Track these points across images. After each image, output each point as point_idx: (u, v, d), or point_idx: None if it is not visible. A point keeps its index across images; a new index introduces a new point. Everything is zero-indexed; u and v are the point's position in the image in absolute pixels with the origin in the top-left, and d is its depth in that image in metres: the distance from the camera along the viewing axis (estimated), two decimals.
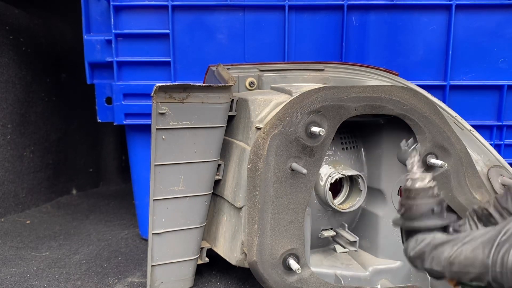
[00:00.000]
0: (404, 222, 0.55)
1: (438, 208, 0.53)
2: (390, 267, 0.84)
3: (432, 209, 0.53)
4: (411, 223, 0.54)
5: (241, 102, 0.80)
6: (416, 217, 0.53)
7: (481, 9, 0.99)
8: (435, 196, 0.54)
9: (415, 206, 0.53)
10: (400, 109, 0.76)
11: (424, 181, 0.53)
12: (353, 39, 1.01)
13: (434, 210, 0.53)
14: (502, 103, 1.02)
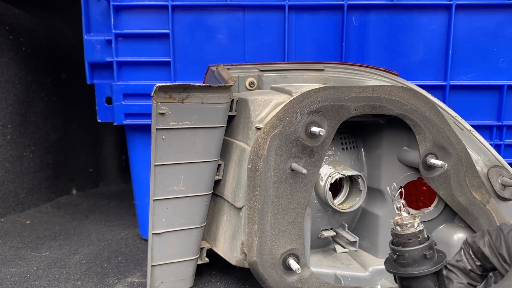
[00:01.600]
0: (399, 269, 0.55)
1: (430, 253, 0.54)
2: None
3: (424, 255, 0.54)
4: (405, 270, 0.55)
5: (241, 102, 0.80)
6: (410, 263, 0.54)
7: (481, 9, 0.99)
8: (425, 240, 0.55)
9: (408, 253, 0.54)
10: (400, 109, 0.76)
11: (414, 225, 0.54)
12: (353, 39, 1.01)
13: (427, 255, 0.54)
14: (502, 103, 1.02)
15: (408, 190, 0.89)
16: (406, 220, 0.55)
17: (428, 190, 0.87)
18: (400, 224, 0.55)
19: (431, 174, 0.79)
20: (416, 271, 0.54)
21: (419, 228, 0.55)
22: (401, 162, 0.83)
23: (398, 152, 0.83)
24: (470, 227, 0.81)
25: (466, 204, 0.80)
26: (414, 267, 0.54)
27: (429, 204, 0.86)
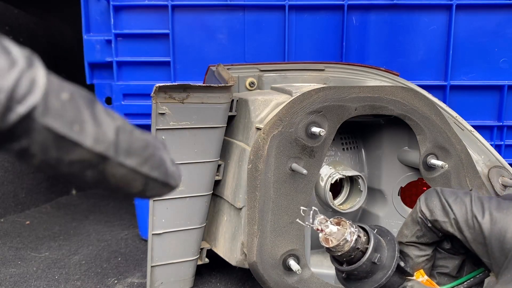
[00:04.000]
0: (356, 285, 0.48)
1: (379, 257, 0.46)
2: None
3: (373, 262, 0.46)
4: (362, 285, 0.47)
5: (241, 102, 0.80)
6: (363, 276, 0.47)
7: (482, 9, 0.99)
8: (367, 243, 0.46)
9: (356, 269, 0.46)
10: (401, 109, 0.76)
11: (347, 239, 0.45)
12: (353, 39, 1.01)
13: (376, 261, 0.46)
14: (502, 103, 1.02)
15: (408, 191, 0.89)
16: (337, 239, 0.45)
17: None
18: (332, 247, 0.45)
19: (432, 174, 0.79)
20: (375, 284, 0.46)
21: (354, 236, 0.45)
22: (401, 163, 0.83)
23: (398, 152, 0.83)
24: None
25: None
26: (371, 280, 0.46)
27: None
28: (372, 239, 0.46)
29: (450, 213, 0.45)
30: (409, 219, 0.49)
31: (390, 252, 0.47)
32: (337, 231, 0.45)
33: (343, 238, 0.45)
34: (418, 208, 0.48)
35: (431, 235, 0.48)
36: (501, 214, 0.42)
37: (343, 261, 0.47)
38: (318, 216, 0.46)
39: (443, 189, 0.47)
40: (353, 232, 0.45)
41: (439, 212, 0.46)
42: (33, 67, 0.22)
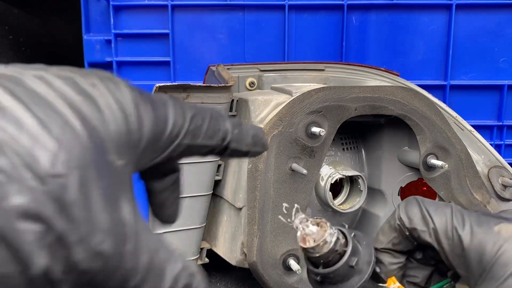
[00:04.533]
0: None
1: (356, 260, 0.44)
2: None
3: (351, 266, 0.44)
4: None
5: (241, 102, 0.80)
6: (339, 280, 0.45)
7: (482, 8, 0.99)
8: (345, 245, 0.44)
9: (333, 273, 0.44)
10: (401, 109, 0.76)
11: (327, 240, 0.42)
12: (353, 39, 1.01)
13: (354, 265, 0.44)
14: (502, 103, 1.02)
15: (408, 191, 0.89)
16: (316, 239, 0.43)
17: (429, 191, 0.87)
18: (310, 248, 0.43)
19: (432, 174, 0.79)
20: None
21: (334, 238, 0.43)
22: (401, 163, 0.83)
23: (398, 152, 0.83)
24: None
25: (467, 205, 0.80)
26: (346, 282, 0.44)
27: None
28: (350, 242, 0.44)
29: (429, 223, 0.44)
30: (387, 225, 0.49)
31: (367, 257, 0.45)
32: (316, 231, 0.43)
33: (322, 239, 0.42)
34: (397, 215, 0.47)
35: (406, 244, 0.47)
36: (481, 228, 0.42)
37: (320, 263, 0.44)
38: (299, 214, 0.44)
39: (424, 199, 0.47)
40: (332, 233, 0.43)
41: (418, 221, 0.45)
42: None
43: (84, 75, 0.26)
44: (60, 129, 0.22)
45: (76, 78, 0.26)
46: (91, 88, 0.25)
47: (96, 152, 0.23)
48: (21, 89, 0.23)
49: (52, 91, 0.24)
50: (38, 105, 0.22)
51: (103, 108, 0.25)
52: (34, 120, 0.21)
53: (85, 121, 0.23)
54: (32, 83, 0.23)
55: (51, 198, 0.20)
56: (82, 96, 0.24)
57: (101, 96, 0.26)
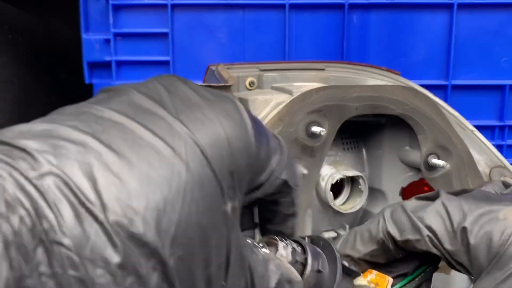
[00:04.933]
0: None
1: (319, 263, 0.41)
2: None
3: (318, 270, 0.41)
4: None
5: (241, 102, 0.79)
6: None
7: (483, 8, 0.99)
8: (303, 254, 0.41)
9: (304, 284, 0.40)
10: (402, 109, 0.75)
11: (282, 254, 0.39)
12: (354, 38, 1.01)
13: (320, 268, 0.41)
14: (504, 103, 1.02)
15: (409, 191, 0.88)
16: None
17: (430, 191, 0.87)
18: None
19: (433, 174, 0.78)
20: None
21: (289, 250, 0.39)
22: (402, 162, 0.82)
23: (399, 152, 0.82)
24: None
25: None
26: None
27: None
28: (307, 247, 0.41)
29: (423, 230, 0.42)
30: (367, 235, 0.46)
31: (329, 255, 0.42)
32: (269, 252, 0.38)
33: (278, 254, 0.39)
34: (381, 228, 0.44)
35: (387, 256, 0.45)
36: (485, 216, 0.39)
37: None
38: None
39: (407, 203, 0.45)
40: (285, 245, 0.40)
41: (410, 231, 0.42)
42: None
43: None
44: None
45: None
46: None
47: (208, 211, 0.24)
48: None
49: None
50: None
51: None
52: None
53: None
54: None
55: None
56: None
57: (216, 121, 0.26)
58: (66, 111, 0.26)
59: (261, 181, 0.30)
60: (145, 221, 0.21)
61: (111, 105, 0.25)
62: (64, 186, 0.20)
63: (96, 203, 0.20)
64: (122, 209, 0.20)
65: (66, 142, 0.21)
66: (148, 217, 0.21)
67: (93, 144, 0.21)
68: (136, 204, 0.21)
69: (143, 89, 0.26)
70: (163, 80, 0.27)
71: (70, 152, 0.21)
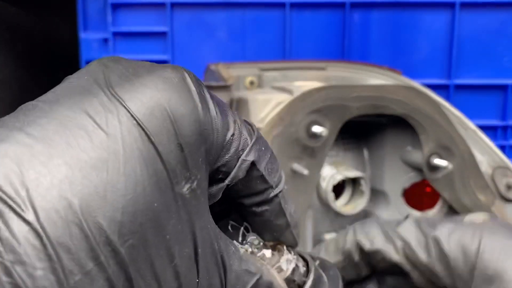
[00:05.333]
0: None
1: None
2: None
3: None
4: None
5: (241, 101, 0.79)
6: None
7: (486, 7, 0.98)
8: (304, 277, 0.37)
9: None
10: (403, 108, 0.75)
11: (283, 268, 0.36)
12: (355, 37, 1.00)
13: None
14: (507, 103, 1.01)
15: (412, 192, 0.88)
16: (270, 265, 0.36)
17: (432, 192, 0.86)
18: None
19: (435, 175, 0.77)
20: None
21: (291, 265, 0.36)
22: (404, 163, 0.82)
23: (401, 152, 0.82)
24: None
25: (471, 206, 0.78)
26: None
27: (433, 206, 0.84)
28: (312, 271, 0.37)
29: (396, 240, 0.41)
30: (333, 244, 0.45)
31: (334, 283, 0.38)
32: (271, 256, 0.36)
33: (277, 265, 0.35)
34: (349, 238, 0.44)
35: (350, 272, 0.44)
36: (453, 223, 0.39)
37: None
38: (249, 235, 0.36)
39: (380, 220, 0.45)
40: (290, 260, 0.36)
41: (382, 241, 0.42)
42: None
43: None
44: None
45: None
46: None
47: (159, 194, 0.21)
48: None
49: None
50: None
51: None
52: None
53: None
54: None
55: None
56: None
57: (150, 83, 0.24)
58: (17, 109, 0.24)
59: (225, 162, 0.26)
60: (83, 211, 0.19)
61: (46, 95, 0.24)
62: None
63: (23, 200, 0.18)
64: (54, 201, 0.18)
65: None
66: (85, 206, 0.19)
67: (20, 137, 0.20)
68: (70, 194, 0.19)
69: (82, 70, 0.25)
70: (105, 58, 0.25)
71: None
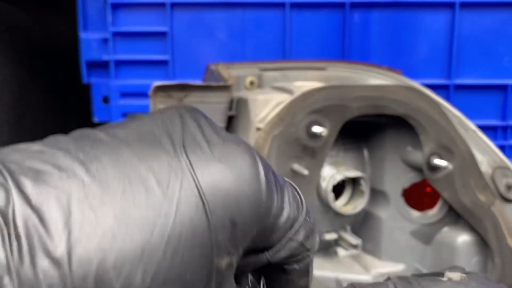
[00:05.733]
0: None
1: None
2: (393, 270, 0.83)
3: None
4: None
5: (241, 101, 0.79)
6: None
7: (485, 7, 0.99)
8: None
9: None
10: (404, 109, 0.75)
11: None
12: (355, 37, 1.00)
13: None
14: (506, 103, 1.01)
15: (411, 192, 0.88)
16: None
17: (432, 192, 0.86)
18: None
19: (435, 175, 0.78)
20: None
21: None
22: (404, 163, 0.82)
23: (401, 152, 0.82)
24: (474, 229, 0.80)
25: (471, 206, 0.78)
26: None
27: (433, 206, 0.84)
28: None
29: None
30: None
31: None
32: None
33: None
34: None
35: None
36: (432, 281, 0.38)
37: None
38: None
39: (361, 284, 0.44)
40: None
41: None
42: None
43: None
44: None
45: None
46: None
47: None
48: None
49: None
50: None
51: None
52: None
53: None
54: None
55: None
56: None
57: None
58: (75, 132, 0.24)
59: (273, 242, 0.25)
60: (116, 268, 0.18)
61: (115, 129, 0.22)
62: (33, 218, 0.18)
63: (61, 242, 0.18)
64: (91, 251, 0.18)
65: (52, 167, 0.19)
66: (119, 264, 0.18)
67: (79, 172, 0.19)
68: (108, 246, 0.18)
69: (158, 115, 0.23)
70: (183, 109, 0.24)
71: (52, 179, 0.19)
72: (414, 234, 0.83)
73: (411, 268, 0.83)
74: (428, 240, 0.83)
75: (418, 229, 0.83)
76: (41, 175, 0.19)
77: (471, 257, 0.80)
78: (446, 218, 0.83)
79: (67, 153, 0.20)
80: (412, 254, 0.83)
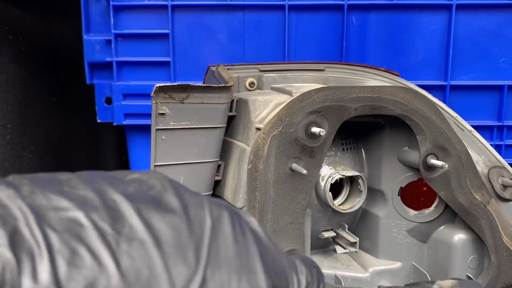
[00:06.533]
0: None
1: None
2: (391, 268, 0.84)
3: None
4: None
5: (241, 102, 0.80)
6: None
7: (482, 9, 0.99)
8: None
9: None
10: (401, 109, 0.76)
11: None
12: (353, 39, 1.01)
13: None
14: (502, 104, 1.02)
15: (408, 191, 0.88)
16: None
17: (429, 191, 0.87)
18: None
19: (432, 174, 0.78)
20: None
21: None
22: (401, 163, 0.83)
23: (398, 152, 0.83)
24: (470, 228, 0.81)
25: (467, 205, 0.79)
26: None
27: (429, 204, 0.85)
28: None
29: None
30: None
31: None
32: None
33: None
34: None
35: None
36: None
37: None
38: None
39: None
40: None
41: None
42: None
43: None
44: None
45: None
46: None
47: None
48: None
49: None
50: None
51: None
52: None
53: None
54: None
55: None
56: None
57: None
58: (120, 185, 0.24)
59: None
60: None
61: (152, 220, 0.22)
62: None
63: None
64: None
65: (86, 251, 0.20)
66: None
67: (109, 265, 0.20)
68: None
69: (193, 212, 0.24)
70: (215, 211, 0.25)
71: (83, 265, 0.20)
72: (411, 233, 0.84)
73: (408, 266, 0.84)
74: (425, 238, 0.84)
75: (415, 228, 0.84)
76: (75, 257, 0.20)
77: (467, 255, 0.80)
78: (442, 216, 0.84)
79: (102, 234, 0.21)
80: (409, 252, 0.84)
